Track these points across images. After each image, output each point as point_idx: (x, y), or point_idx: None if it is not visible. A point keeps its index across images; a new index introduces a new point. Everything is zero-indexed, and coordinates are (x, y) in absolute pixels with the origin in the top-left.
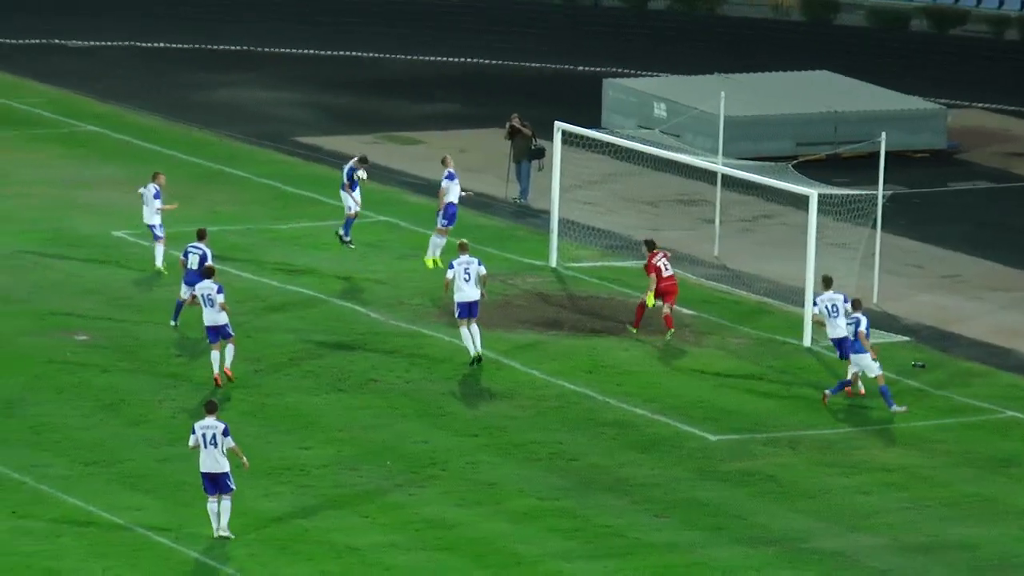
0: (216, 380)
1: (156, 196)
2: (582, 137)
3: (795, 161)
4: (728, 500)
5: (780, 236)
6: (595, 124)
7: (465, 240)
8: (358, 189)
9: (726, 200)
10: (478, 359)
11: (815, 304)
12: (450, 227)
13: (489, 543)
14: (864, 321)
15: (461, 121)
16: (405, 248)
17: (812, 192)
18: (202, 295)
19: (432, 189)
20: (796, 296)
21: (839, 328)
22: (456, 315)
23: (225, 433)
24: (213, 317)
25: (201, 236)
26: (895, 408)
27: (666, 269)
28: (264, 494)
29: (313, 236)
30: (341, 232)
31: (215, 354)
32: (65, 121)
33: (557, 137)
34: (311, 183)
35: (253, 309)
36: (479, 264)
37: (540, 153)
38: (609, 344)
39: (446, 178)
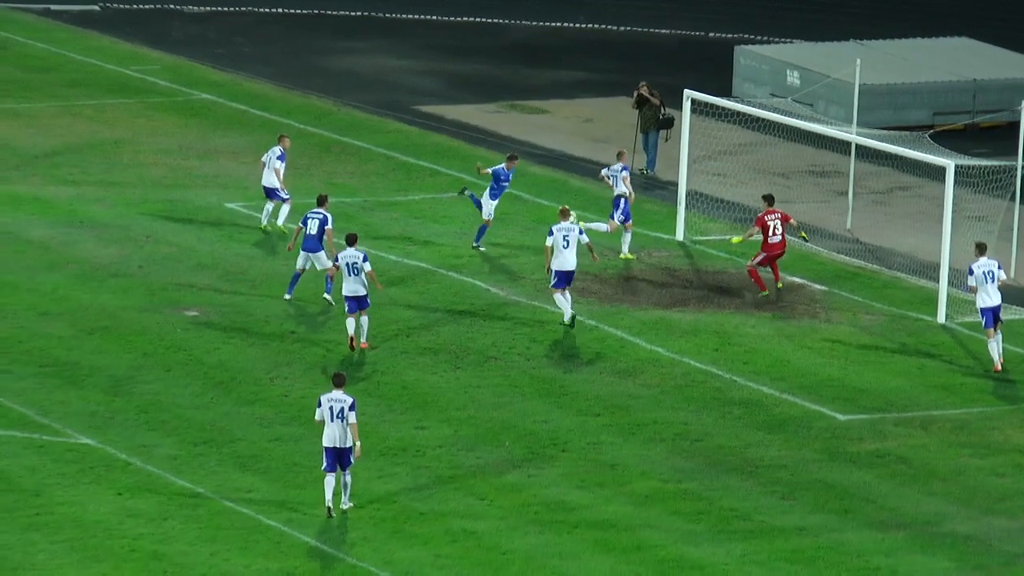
0: (351, 343)
1: (280, 158)
2: (712, 106)
3: (932, 131)
4: (858, 482)
5: (915, 209)
6: (726, 92)
7: (567, 206)
8: (498, 199)
9: (860, 171)
10: (572, 320)
11: (971, 272)
12: (627, 222)
13: (611, 527)
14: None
15: (587, 89)
16: (528, 221)
17: (949, 163)
18: (347, 263)
19: (556, 160)
20: (931, 271)
21: (994, 296)
22: (552, 283)
23: (352, 408)
24: (354, 287)
25: (321, 202)
26: None
27: (775, 233)
28: (379, 475)
29: (433, 208)
30: (474, 243)
31: (351, 321)
32: (180, 89)
33: (686, 106)
34: (431, 153)
35: (369, 284)
36: (581, 233)
37: (669, 123)
38: (737, 321)
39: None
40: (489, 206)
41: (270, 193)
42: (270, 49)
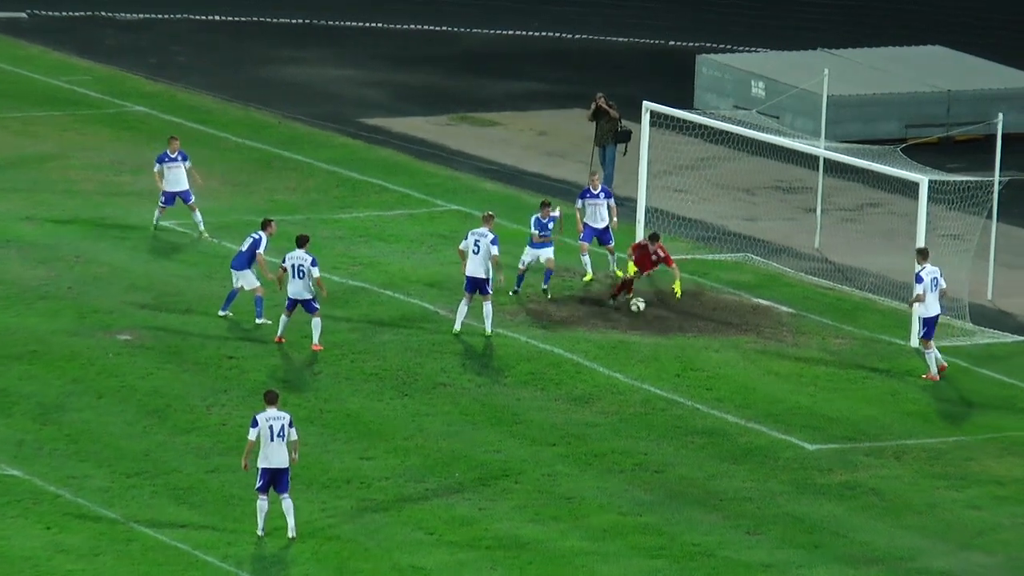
0: (278, 339)
1: (184, 158)
2: (672, 118)
3: (904, 144)
4: (827, 515)
5: (887, 227)
6: (687, 104)
7: (491, 213)
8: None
9: (828, 187)
10: (486, 337)
11: (919, 280)
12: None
13: (567, 562)
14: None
15: (542, 101)
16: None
17: (922, 178)
18: (292, 265)
19: (509, 176)
20: (904, 292)
21: (935, 306)
22: (464, 287)
23: (291, 424)
24: (298, 290)
25: (264, 226)
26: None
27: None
28: (321, 508)
29: (379, 226)
30: (544, 285)
31: (284, 319)
32: (112, 101)
33: (645, 118)
34: (377, 169)
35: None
36: (492, 242)
37: (626, 136)
38: (699, 345)
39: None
40: (527, 254)
41: (183, 197)
42: (207, 58)
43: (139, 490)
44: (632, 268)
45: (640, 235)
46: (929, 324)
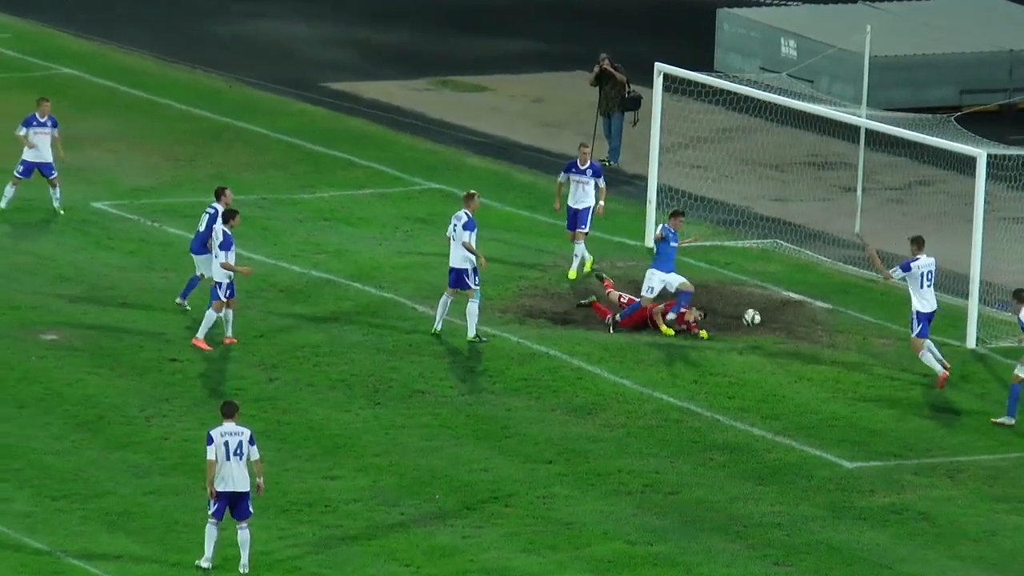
0: (197, 343)
1: (54, 125)
2: (689, 83)
3: (959, 113)
4: (869, 544)
5: (939, 208)
6: (706, 66)
7: (472, 192)
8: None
9: (871, 163)
10: (476, 339)
11: (907, 268)
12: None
13: None
14: None
15: (537, 62)
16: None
17: (980, 152)
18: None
19: (498, 149)
20: (958, 285)
21: (932, 301)
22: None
23: (252, 441)
24: (220, 272)
25: (218, 195)
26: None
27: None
28: (279, 536)
29: (346, 208)
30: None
31: (211, 314)
32: (35, 62)
33: (658, 82)
34: (345, 141)
35: (268, 301)
36: (464, 226)
37: (636, 103)
38: (720, 346)
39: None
40: (653, 279)
41: (43, 170)
42: (147, 12)
43: (67, 515)
44: (666, 330)
45: (652, 220)
46: (923, 321)
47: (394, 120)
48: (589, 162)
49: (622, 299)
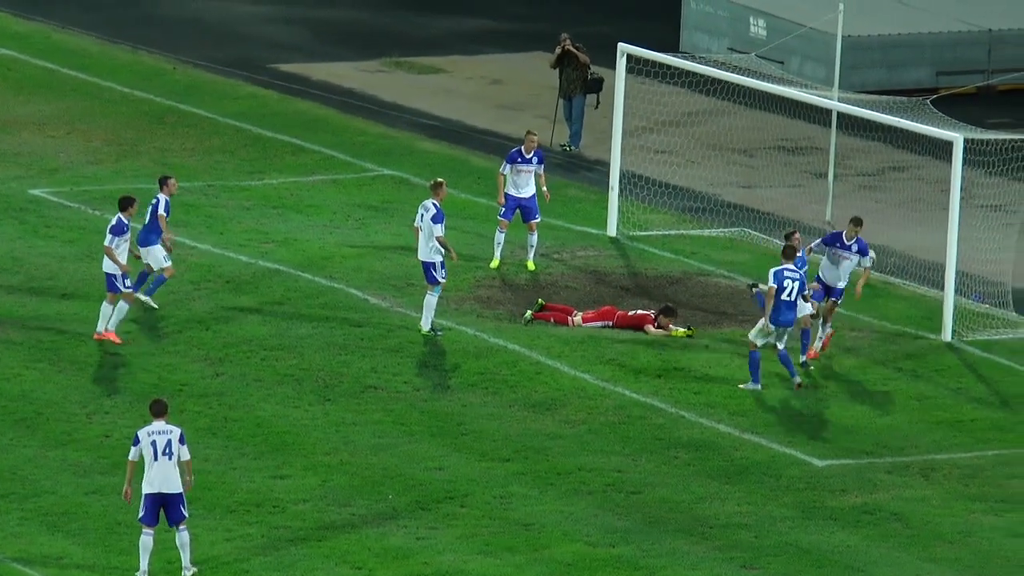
0: (99, 336)
1: None
2: (654, 64)
3: (936, 95)
4: (840, 546)
5: (914, 195)
6: (672, 46)
7: (441, 180)
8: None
9: (843, 148)
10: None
11: (867, 251)
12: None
13: None
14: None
15: (495, 42)
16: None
17: (957, 137)
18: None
19: (454, 133)
20: (934, 275)
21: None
22: None
23: (182, 440)
24: (108, 261)
25: (162, 184)
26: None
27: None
28: (226, 537)
29: (296, 195)
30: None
31: (107, 307)
32: None
33: (621, 63)
34: (294, 125)
35: (213, 292)
36: (433, 219)
37: (598, 85)
38: (685, 340)
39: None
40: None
41: None
42: None
43: (5, 516)
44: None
45: (615, 207)
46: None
47: (346, 103)
48: (534, 151)
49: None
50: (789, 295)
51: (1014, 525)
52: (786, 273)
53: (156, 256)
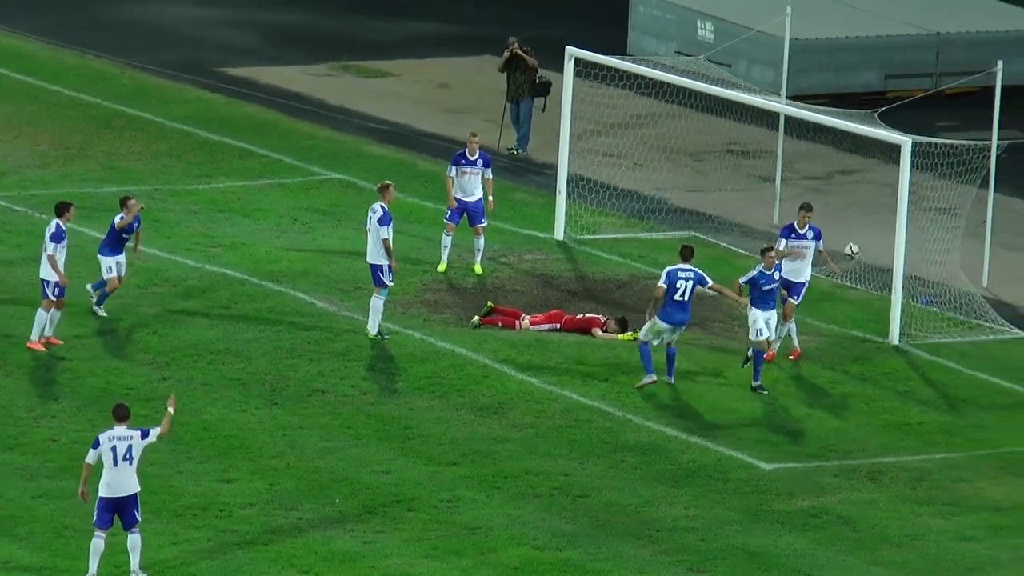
0: (32, 345)
1: None
2: (602, 67)
3: (884, 100)
4: (787, 549)
5: (862, 199)
6: (620, 50)
7: (388, 182)
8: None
9: (791, 151)
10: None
11: (820, 236)
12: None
13: None
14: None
15: (443, 46)
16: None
17: (905, 140)
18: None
19: (402, 137)
20: (882, 278)
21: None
22: None
23: (145, 436)
24: (46, 268)
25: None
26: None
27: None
28: (172, 541)
29: (243, 199)
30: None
31: (42, 314)
32: None
33: (569, 67)
34: (242, 129)
35: (160, 296)
36: (380, 221)
37: (546, 88)
38: (632, 343)
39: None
40: (756, 316)
41: None
42: None
43: None
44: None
45: (563, 210)
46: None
47: (293, 107)
48: (478, 152)
49: (535, 323)
50: (682, 295)
51: (961, 528)
52: (679, 273)
53: (105, 264)
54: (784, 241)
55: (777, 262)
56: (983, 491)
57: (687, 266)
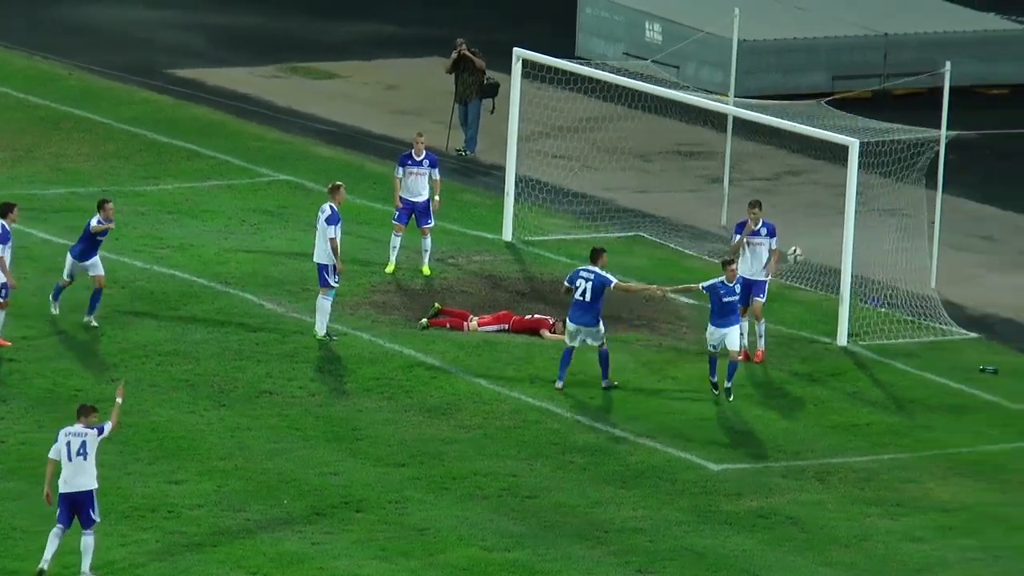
0: None
1: None
2: (550, 69)
3: (832, 99)
4: (736, 550)
5: (809, 199)
6: (568, 52)
7: (339, 183)
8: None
9: (739, 152)
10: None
11: (774, 232)
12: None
13: None
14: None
15: (391, 48)
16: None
17: (853, 141)
18: None
19: (350, 139)
20: (830, 279)
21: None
22: None
23: (101, 432)
24: None
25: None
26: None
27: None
28: (121, 542)
29: (191, 200)
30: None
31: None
32: None
33: (516, 69)
34: (189, 130)
35: (108, 297)
36: (328, 220)
37: (494, 90)
38: (582, 344)
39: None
40: (712, 335)
41: None
42: None
43: None
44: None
45: (510, 212)
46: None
47: (241, 108)
48: (424, 152)
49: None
50: (582, 295)
51: (909, 529)
52: (581, 273)
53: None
54: (737, 236)
55: (739, 275)
56: (931, 492)
57: (591, 268)
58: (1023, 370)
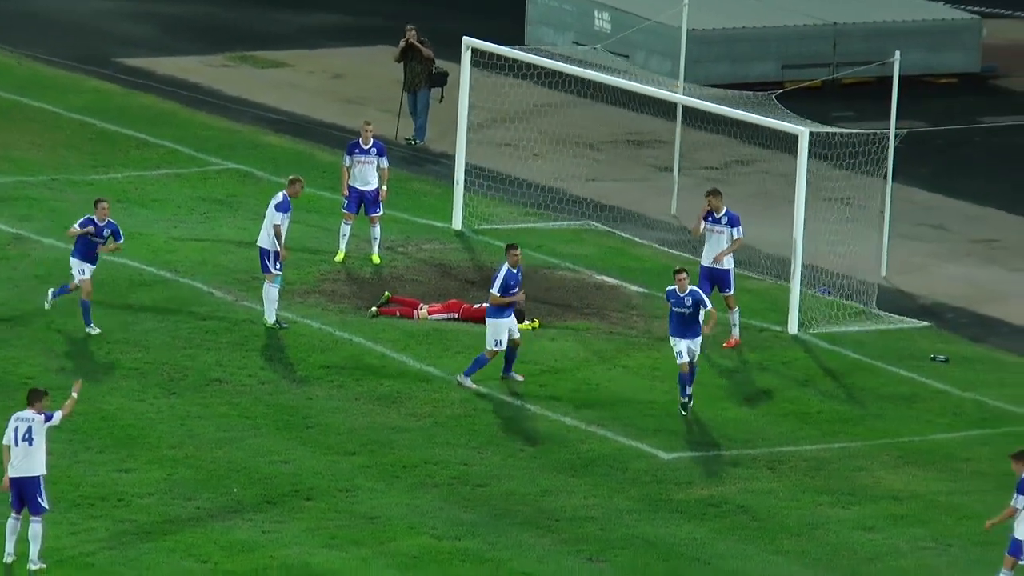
0: None
1: None
2: (499, 57)
3: (781, 90)
4: (687, 538)
5: (759, 189)
6: (517, 40)
7: (297, 177)
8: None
9: (688, 141)
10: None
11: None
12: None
13: None
14: None
15: (339, 37)
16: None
17: (802, 130)
18: None
19: (298, 127)
20: (780, 268)
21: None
22: None
23: (48, 419)
24: None
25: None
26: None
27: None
28: (71, 531)
29: (140, 189)
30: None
31: None
32: None
33: (465, 57)
34: (139, 119)
35: (58, 286)
36: (277, 207)
37: (443, 79)
38: (531, 332)
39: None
40: (677, 344)
41: None
42: None
43: None
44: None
45: (460, 201)
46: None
47: (190, 97)
48: (372, 141)
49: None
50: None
51: (861, 518)
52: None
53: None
54: (704, 223)
55: (689, 286)
56: (882, 480)
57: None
58: (973, 359)
